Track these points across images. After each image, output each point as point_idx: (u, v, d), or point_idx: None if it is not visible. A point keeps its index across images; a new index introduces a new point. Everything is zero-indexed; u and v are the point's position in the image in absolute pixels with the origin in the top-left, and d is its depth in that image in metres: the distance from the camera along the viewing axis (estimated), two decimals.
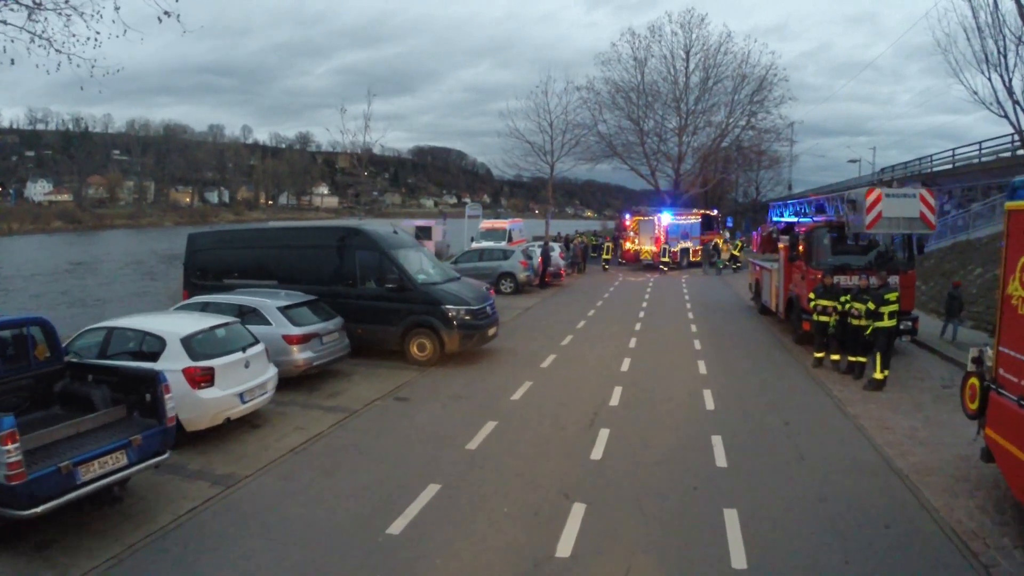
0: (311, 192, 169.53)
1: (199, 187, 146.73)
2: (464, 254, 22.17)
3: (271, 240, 12.98)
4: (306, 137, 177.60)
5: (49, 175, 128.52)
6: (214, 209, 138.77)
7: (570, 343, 13.25)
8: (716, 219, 37.07)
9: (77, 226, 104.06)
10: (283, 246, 12.58)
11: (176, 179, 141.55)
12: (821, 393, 9.78)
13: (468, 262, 21.27)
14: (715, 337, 13.88)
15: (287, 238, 12.88)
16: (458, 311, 11.11)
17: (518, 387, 9.83)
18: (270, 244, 12.79)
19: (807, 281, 12.15)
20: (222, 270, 12.92)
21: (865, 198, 10.53)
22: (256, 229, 15.08)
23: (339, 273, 11.83)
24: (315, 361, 10.02)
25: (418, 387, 10.12)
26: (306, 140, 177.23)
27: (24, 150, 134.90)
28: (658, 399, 9.23)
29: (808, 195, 30.77)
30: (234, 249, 13.17)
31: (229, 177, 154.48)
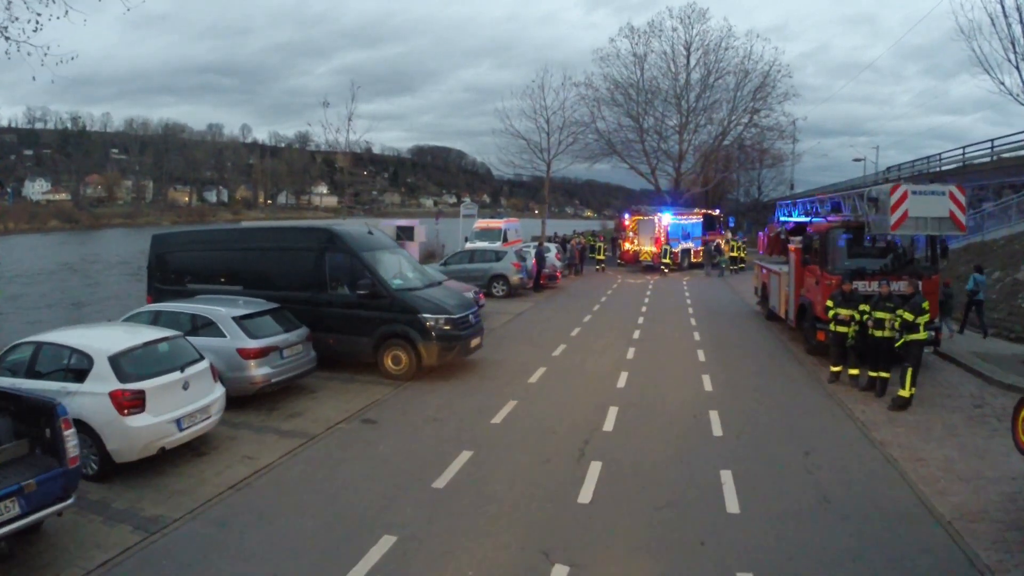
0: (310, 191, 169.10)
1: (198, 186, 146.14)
2: (454, 255, 21.08)
3: (237, 242, 11.92)
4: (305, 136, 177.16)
5: (47, 174, 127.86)
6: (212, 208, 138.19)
7: (562, 354, 12.18)
8: (718, 219, 35.97)
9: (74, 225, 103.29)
10: (249, 249, 11.52)
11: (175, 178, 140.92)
12: (841, 414, 8.71)
13: (458, 264, 20.19)
14: (720, 347, 12.81)
15: (253, 240, 11.81)
16: (437, 320, 10.04)
17: (501, 407, 8.76)
18: (236, 246, 11.73)
19: (822, 287, 11.07)
20: (187, 274, 11.89)
21: (889, 195, 9.46)
22: (223, 230, 14.04)
23: (308, 278, 10.78)
24: (274, 377, 8.98)
25: (389, 406, 9.05)
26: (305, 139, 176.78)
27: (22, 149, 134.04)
28: (658, 423, 8.15)
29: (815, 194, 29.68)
30: (200, 252, 12.13)
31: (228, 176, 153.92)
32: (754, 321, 16.10)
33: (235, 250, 11.68)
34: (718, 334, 14.18)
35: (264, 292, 10.77)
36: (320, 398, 9.52)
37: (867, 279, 10.64)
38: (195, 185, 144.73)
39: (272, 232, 12.10)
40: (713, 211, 37.27)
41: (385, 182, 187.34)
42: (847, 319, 9.79)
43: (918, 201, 9.40)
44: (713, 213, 36.22)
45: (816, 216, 13.05)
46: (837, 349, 10.07)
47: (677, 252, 30.42)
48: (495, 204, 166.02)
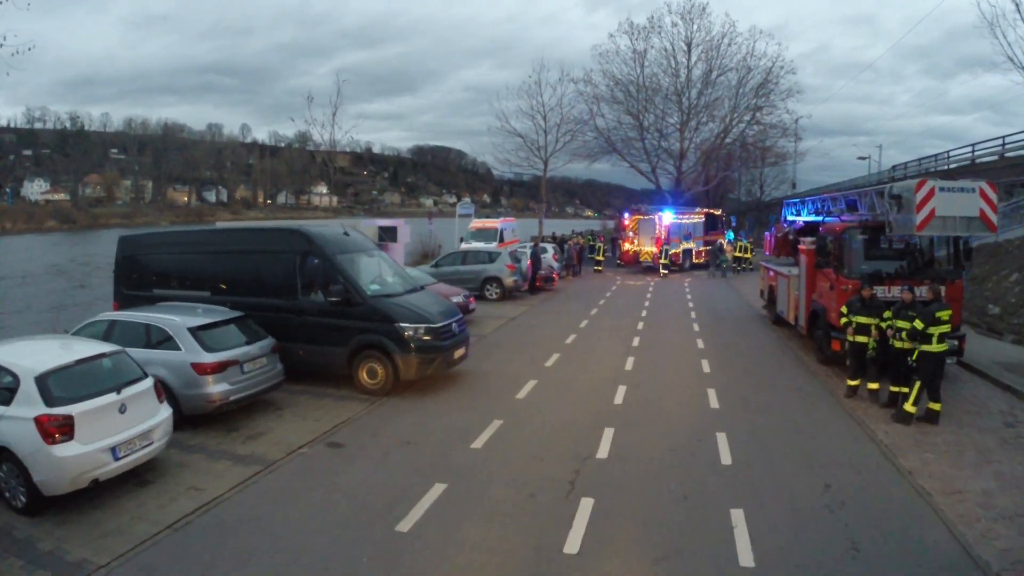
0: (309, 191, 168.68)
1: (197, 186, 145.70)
2: (446, 256, 20.18)
3: (205, 245, 11.04)
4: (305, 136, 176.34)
5: (46, 174, 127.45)
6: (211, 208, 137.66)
7: (556, 364, 11.28)
8: (720, 218, 35.04)
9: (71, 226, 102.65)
10: (217, 252, 10.65)
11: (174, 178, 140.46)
12: (862, 436, 7.81)
13: (450, 265, 19.30)
14: (725, 356, 11.91)
15: (222, 243, 10.94)
16: (415, 330, 9.15)
17: (483, 428, 7.87)
18: (204, 249, 10.87)
19: (837, 292, 10.18)
20: (153, 279, 11.05)
21: (915, 193, 8.56)
22: (192, 231, 13.18)
23: (278, 283, 9.92)
24: (233, 395, 8.12)
25: (360, 427, 8.17)
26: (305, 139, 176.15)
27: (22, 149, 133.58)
28: (659, 448, 7.25)
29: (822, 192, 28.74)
30: (167, 255, 11.28)
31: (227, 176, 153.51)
32: (760, 326, 15.20)
33: (203, 253, 10.82)
34: (723, 341, 13.29)
35: (232, 298, 9.97)
36: (286, 417, 8.66)
37: (887, 283, 9.76)
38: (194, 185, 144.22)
39: (241, 234, 11.24)
40: (715, 210, 36.35)
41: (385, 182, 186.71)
42: (868, 328, 8.91)
43: (946, 199, 8.50)
44: (715, 212, 35.30)
45: (829, 215, 12.15)
46: (855, 361, 9.18)
47: (678, 252, 29.51)
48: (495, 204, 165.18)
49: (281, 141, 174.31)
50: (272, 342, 8.96)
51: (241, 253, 10.42)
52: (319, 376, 9.83)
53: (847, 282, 9.96)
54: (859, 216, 10.57)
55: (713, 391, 9.39)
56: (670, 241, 29.06)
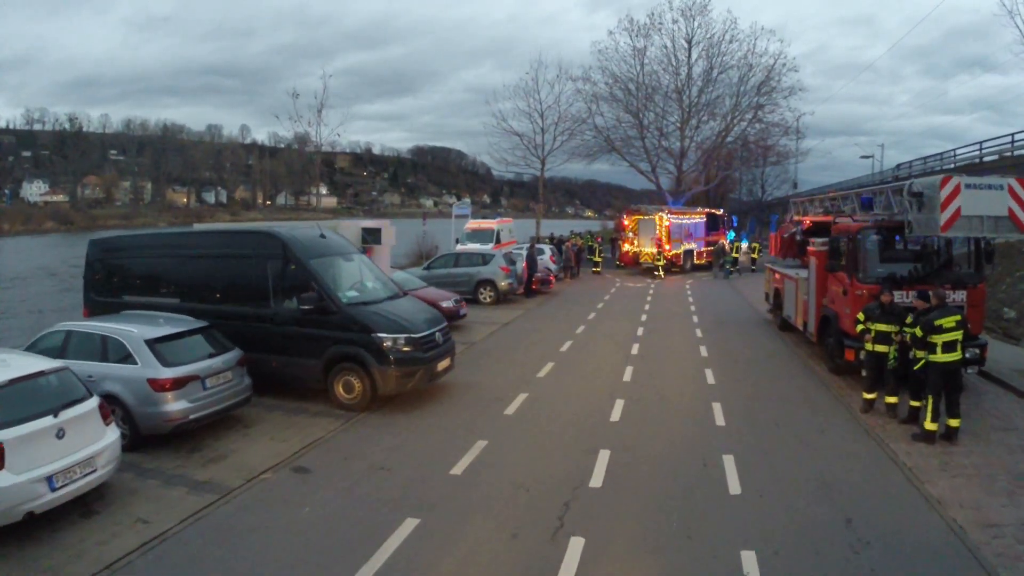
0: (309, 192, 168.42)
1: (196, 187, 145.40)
2: (438, 259, 19.48)
3: (176, 248, 10.34)
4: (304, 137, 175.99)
5: (46, 175, 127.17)
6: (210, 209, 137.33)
7: (549, 375, 10.56)
8: (722, 218, 34.28)
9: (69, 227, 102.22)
10: (188, 256, 9.96)
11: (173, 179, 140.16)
12: (883, 458, 7.09)
13: (443, 268, 18.61)
14: (731, 365, 11.19)
15: (192, 246, 10.24)
16: (395, 340, 8.44)
17: (466, 451, 7.15)
18: (175, 253, 10.17)
19: (851, 297, 9.46)
20: (123, 284, 10.37)
21: (939, 190, 7.83)
22: (164, 234, 12.48)
23: (250, 289, 9.23)
24: (193, 413, 7.44)
25: (331, 449, 7.45)
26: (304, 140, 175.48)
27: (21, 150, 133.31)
28: (660, 475, 6.53)
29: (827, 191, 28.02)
30: (138, 259, 10.59)
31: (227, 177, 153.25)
32: (766, 332, 14.47)
33: (173, 258, 10.12)
34: (727, 348, 12.56)
35: (202, 306, 9.32)
36: (253, 435, 7.95)
37: (905, 288, 9.05)
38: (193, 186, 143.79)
39: (211, 237, 10.54)
40: (717, 210, 35.59)
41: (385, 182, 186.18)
42: (890, 336, 8.21)
43: (973, 197, 7.78)
44: (717, 212, 34.55)
45: (840, 214, 11.43)
46: (873, 372, 8.46)
47: (679, 253, 28.77)
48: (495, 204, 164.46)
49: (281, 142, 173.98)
50: (239, 354, 8.27)
51: (211, 257, 9.73)
52: (295, 390, 9.15)
53: (862, 286, 9.24)
54: (874, 216, 9.85)
55: (718, 406, 8.66)
56: (672, 241, 28.33)
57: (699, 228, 30.85)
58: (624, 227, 30.72)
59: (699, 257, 30.28)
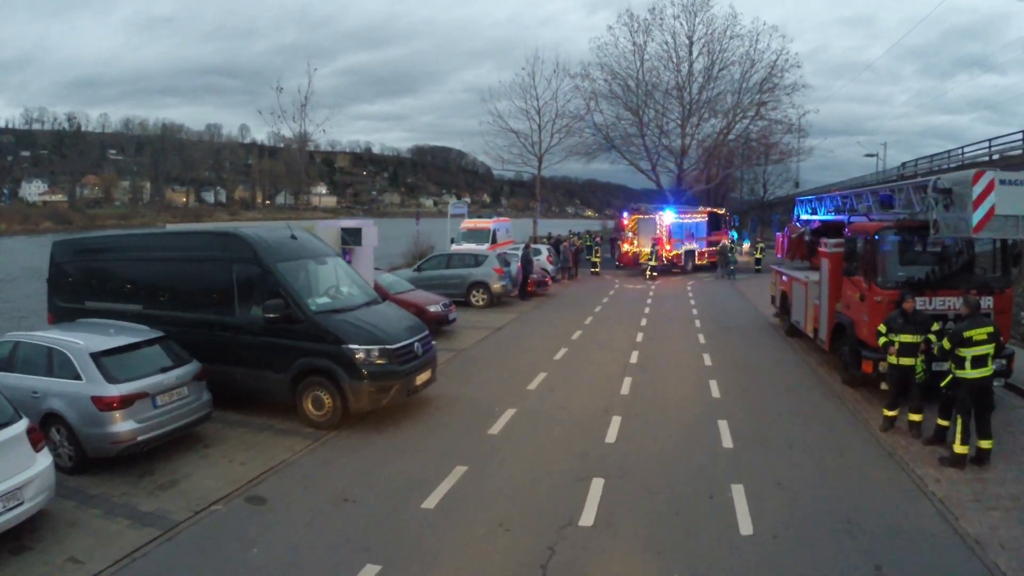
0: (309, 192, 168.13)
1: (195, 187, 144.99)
2: (429, 260, 18.66)
3: (140, 251, 9.58)
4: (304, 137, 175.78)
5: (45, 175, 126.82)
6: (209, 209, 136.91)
7: (541, 387, 9.77)
8: (724, 218, 33.44)
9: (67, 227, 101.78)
10: (151, 259, 9.20)
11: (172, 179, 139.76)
12: (911, 488, 6.30)
13: (434, 269, 17.82)
14: (737, 376, 10.39)
15: (156, 247, 9.47)
16: (368, 352, 7.65)
17: (442, 478, 6.37)
18: (138, 256, 9.41)
19: (869, 304, 8.67)
20: (86, 289, 9.64)
21: (970, 186, 7.03)
22: (128, 235, 11.71)
23: (213, 296, 8.47)
24: (143, 434, 6.69)
25: (293, 474, 6.68)
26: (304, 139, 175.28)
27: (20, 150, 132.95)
28: (660, 507, 5.74)
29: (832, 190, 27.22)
30: (102, 262, 9.85)
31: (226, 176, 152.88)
32: (773, 338, 13.67)
33: (137, 261, 9.37)
34: (733, 357, 11.76)
35: (167, 312, 8.63)
36: (211, 457, 7.19)
37: (928, 294, 8.26)
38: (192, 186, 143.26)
39: (176, 238, 9.76)
40: (719, 209, 34.77)
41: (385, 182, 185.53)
42: (917, 347, 7.43)
43: (1008, 194, 6.97)
44: (719, 212, 33.73)
45: (854, 213, 10.62)
46: (895, 388, 7.68)
47: (680, 254, 27.98)
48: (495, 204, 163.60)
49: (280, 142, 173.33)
50: (196, 368, 7.51)
51: (175, 261, 8.96)
52: (264, 404, 8.37)
53: (881, 292, 8.44)
54: (894, 215, 9.05)
55: (725, 423, 7.87)
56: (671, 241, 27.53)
57: (701, 228, 30.04)
58: (624, 227, 29.90)
59: (701, 257, 29.47)
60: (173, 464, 6.97)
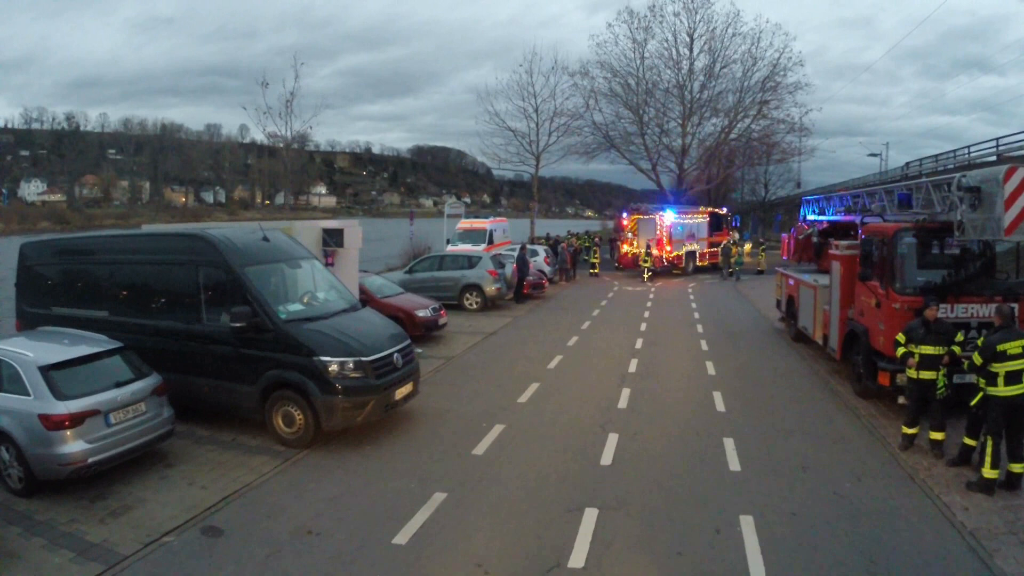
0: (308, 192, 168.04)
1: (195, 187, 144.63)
2: (421, 261, 18.01)
3: (108, 253, 8.96)
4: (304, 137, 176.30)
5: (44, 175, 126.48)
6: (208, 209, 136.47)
7: (532, 399, 9.14)
8: (726, 218, 32.79)
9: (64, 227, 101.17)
10: (119, 262, 8.61)
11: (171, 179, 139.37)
12: (938, 517, 5.68)
13: (426, 271, 17.19)
14: (743, 387, 9.76)
15: (124, 250, 8.85)
16: (342, 364, 7.03)
17: (419, 506, 5.74)
18: (106, 259, 8.81)
19: (886, 311, 8.04)
20: (55, 294, 9.07)
21: (1002, 184, 6.41)
22: (96, 237, 11.07)
23: (180, 302, 7.87)
24: (95, 455, 6.13)
25: (256, 501, 6.06)
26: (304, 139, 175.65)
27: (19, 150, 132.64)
28: (660, 543, 5.10)
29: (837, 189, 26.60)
30: (70, 265, 9.27)
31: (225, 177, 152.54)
32: (779, 344, 13.03)
33: (105, 264, 8.77)
34: (737, 365, 11.12)
35: (133, 320, 8.09)
36: (171, 478, 6.58)
37: (950, 300, 7.64)
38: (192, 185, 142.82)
39: (143, 240, 9.13)
40: (720, 210, 34.12)
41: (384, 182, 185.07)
42: (935, 361, 6.81)
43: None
44: (720, 212, 33.08)
45: (867, 214, 9.99)
46: (916, 404, 7.05)
47: (680, 255, 27.33)
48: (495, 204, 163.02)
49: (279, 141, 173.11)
50: (156, 381, 6.90)
51: (142, 264, 8.37)
52: (236, 419, 7.77)
53: (900, 298, 7.81)
54: (912, 215, 8.42)
55: (731, 442, 7.24)
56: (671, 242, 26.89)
57: (702, 228, 29.39)
58: (623, 227, 29.19)
59: (702, 259, 28.83)
60: (130, 486, 6.37)
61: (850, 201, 11.05)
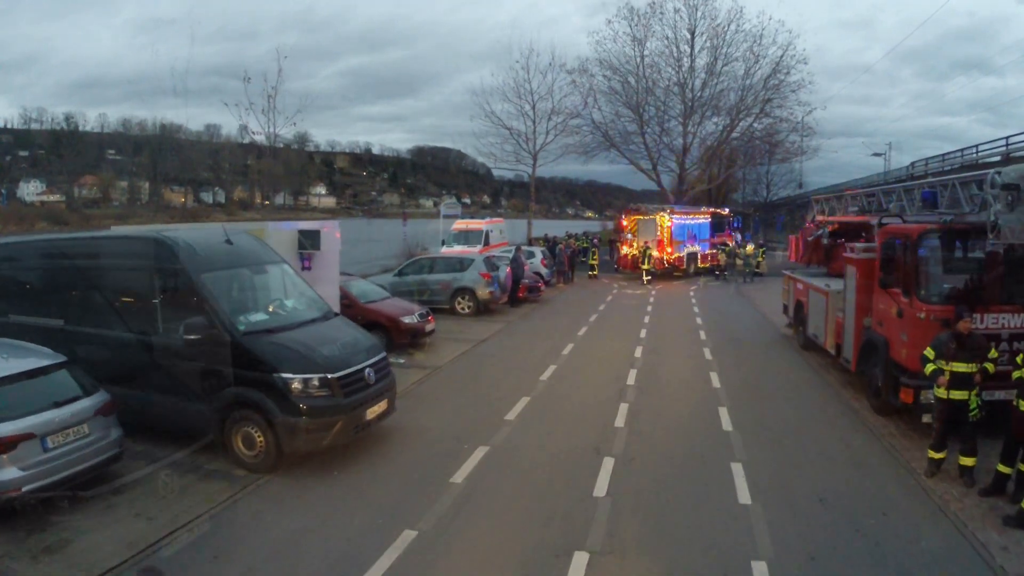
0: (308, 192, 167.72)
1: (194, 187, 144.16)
2: (411, 263, 17.25)
3: (65, 257, 8.25)
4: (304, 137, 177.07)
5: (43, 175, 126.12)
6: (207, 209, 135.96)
7: (521, 417, 8.40)
8: (728, 219, 32.02)
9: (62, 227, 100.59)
10: (73, 268, 7.90)
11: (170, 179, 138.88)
12: (973, 556, 5.01)
13: (416, 274, 16.46)
14: (750, 401, 9.06)
15: (76, 255, 8.13)
16: (306, 382, 6.33)
17: (384, 549, 5.02)
18: (60, 264, 8.10)
19: (910, 320, 7.33)
20: (11, 300, 8.34)
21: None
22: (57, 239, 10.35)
23: (134, 310, 7.17)
24: (29, 483, 5.47)
25: (203, 538, 5.35)
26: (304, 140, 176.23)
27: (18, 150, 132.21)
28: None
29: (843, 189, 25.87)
30: (28, 269, 8.54)
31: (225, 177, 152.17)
32: (787, 353, 12.31)
33: (63, 269, 8.06)
34: (744, 376, 10.41)
35: (88, 329, 7.38)
36: (118, 507, 5.89)
37: (980, 310, 6.93)
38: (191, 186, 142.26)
39: (100, 243, 8.41)
40: (723, 210, 33.37)
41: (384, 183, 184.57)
42: (967, 380, 6.11)
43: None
44: (723, 212, 32.34)
45: (885, 214, 9.26)
46: (945, 426, 6.35)
47: (682, 256, 26.63)
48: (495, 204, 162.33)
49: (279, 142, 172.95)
50: (103, 400, 6.20)
51: (96, 270, 7.65)
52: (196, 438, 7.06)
53: (925, 307, 7.10)
54: (937, 215, 7.71)
55: (740, 468, 6.52)
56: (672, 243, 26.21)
57: (704, 229, 28.68)
58: (623, 228, 28.42)
59: (704, 260, 28.12)
60: (69, 518, 5.67)
61: (864, 201, 10.33)
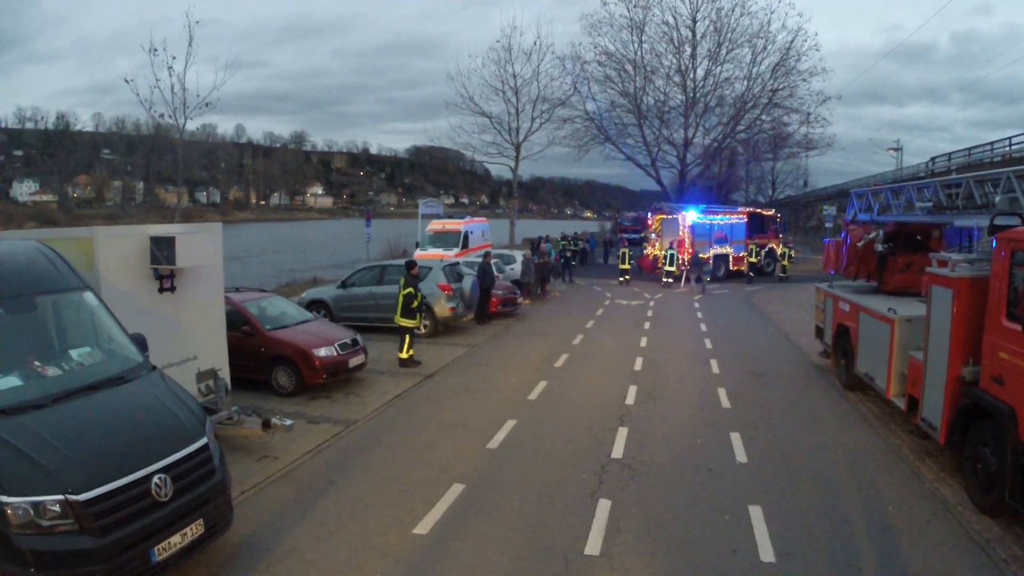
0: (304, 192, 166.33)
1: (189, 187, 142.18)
2: (357, 272, 14.13)
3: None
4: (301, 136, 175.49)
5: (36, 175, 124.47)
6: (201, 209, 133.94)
7: (445, 521, 5.50)
8: (773, 219, 28.66)
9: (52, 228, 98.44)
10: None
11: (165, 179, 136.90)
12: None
13: (364, 285, 13.54)
14: (794, 491, 6.15)
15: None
16: (33, 509, 3.48)
17: None
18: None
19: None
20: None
21: None
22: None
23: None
24: None
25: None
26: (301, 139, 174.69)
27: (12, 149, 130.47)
28: None
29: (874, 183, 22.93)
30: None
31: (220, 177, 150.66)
32: (828, 396, 9.26)
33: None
34: (778, 441, 7.40)
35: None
36: None
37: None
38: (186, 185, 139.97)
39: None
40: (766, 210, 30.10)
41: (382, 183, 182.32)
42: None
43: None
44: (766, 212, 29.08)
45: (973, 209, 6.39)
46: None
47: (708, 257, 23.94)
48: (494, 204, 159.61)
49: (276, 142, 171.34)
50: None
51: None
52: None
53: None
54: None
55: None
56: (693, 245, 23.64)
57: (737, 230, 25.72)
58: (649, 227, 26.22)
59: (736, 263, 25.30)
60: None
61: (939, 193, 7.45)
